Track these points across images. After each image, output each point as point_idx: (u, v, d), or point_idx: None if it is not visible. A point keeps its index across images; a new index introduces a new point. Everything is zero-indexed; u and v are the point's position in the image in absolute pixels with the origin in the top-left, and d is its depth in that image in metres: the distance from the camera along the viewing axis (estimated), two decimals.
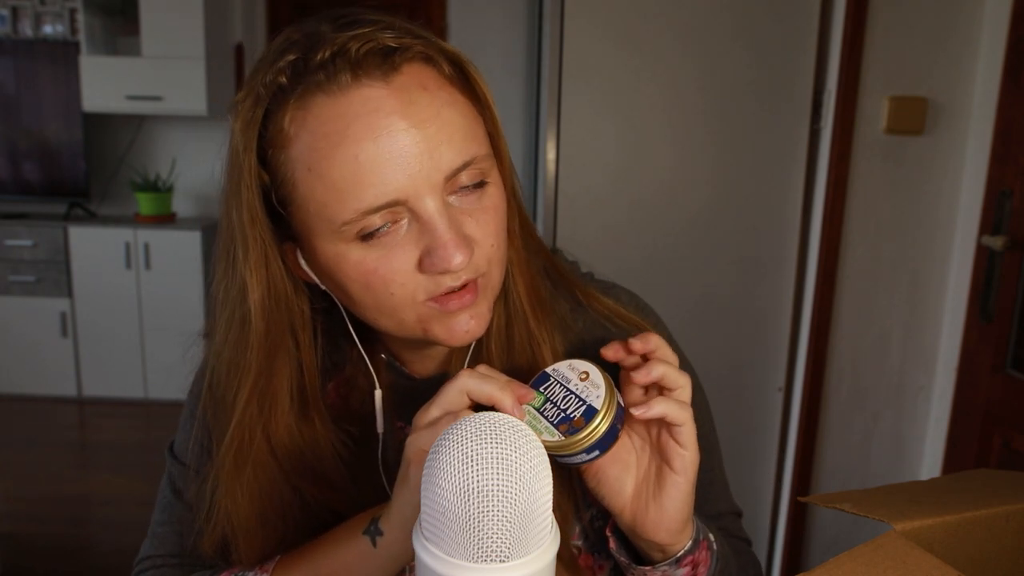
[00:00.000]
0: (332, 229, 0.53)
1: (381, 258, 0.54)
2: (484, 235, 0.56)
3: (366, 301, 0.56)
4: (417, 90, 0.52)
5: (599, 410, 0.51)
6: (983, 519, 0.49)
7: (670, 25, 1.73)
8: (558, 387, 0.53)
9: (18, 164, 3.60)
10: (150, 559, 0.70)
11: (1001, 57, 1.66)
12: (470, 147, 0.54)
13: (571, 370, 0.53)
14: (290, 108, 0.52)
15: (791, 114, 1.78)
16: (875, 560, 0.42)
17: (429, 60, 0.55)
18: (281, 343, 0.59)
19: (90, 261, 3.47)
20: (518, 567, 0.39)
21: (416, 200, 0.52)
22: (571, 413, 0.52)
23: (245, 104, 0.54)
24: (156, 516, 0.71)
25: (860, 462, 1.94)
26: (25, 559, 2.31)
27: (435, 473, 0.39)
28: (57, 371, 3.57)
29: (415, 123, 0.51)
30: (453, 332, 0.56)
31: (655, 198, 1.81)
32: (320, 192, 0.52)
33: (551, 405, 0.53)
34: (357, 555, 0.56)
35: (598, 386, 0.52)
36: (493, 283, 0.59)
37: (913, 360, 1.89)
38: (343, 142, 0.51)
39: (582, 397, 0.52)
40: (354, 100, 0.51)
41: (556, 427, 0.52)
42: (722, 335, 1.88)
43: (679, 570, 0.58)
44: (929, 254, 1.83)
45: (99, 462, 3.06)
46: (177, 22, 3.34)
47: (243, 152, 0.54)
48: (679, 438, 0.54)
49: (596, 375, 0.52)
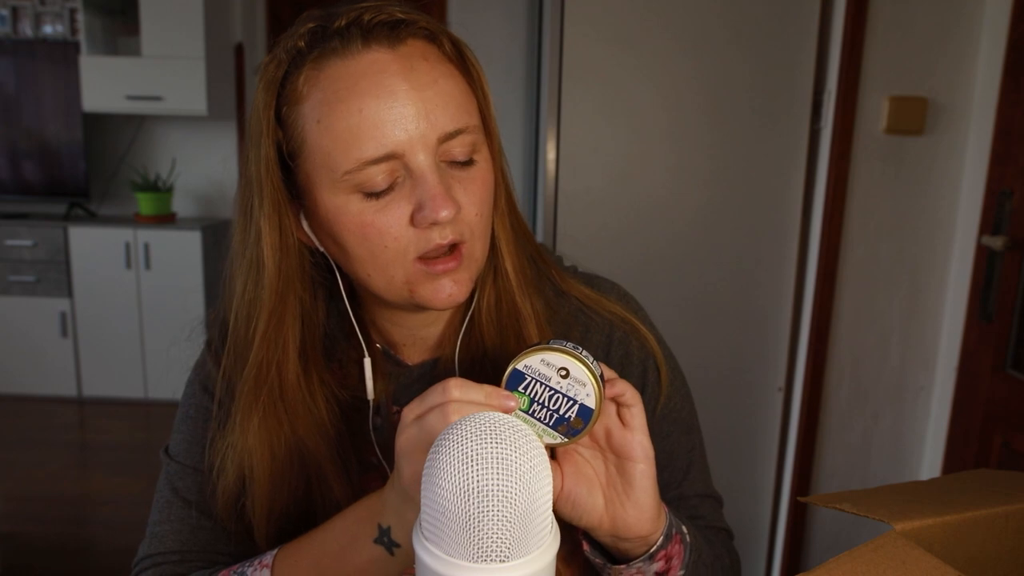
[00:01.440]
0: (334, 179, 0.58)
1: (378, 211, 0.58)
2: (470, 203, 0.60)
3: (361, 254, 0.60)
4: (419, 59, 0.59)
5: (594, 410, 0.51)
6: (983, 519, 0.49)
7: (670, 25, 1.73)
8: (540, 386, 0.52)
9: (18, 164, 3.60)
10: (149, 558, 0.70)
11: (1001, 57, 1.66)
12: (463, 117, 0.60)
13: (547, 366, 0.52)
14: (306, 69, 0.58)
15: (791, 114, 1.78)
16: (875, 560, 0.42)
17: (432, 37, 0.61)
18: (290, 288, 0.64)
19: (90, 261, 3.48)
20: (518, 567, 0.39)
21: (411, 155, 0.57)
22: (565, 414, 0.52)
23: (269, 66, 0.60)
24: (153, 516, 0.72)
25: (860, 462, 1.94)
26: (25, 559, 2.31)
27: (435, 473, 0.39)
28: (57, 371, 3.57)
29: (415, 86, 0.57)
30: (437, 294, 0.61)
31: (655, 198, 1.81)
32: (326, 142, 0.58)
33: (539, 407, 0.52)
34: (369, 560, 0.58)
35: (583, 383, 0.51)
36: (476, 255, 0.63)
37: (913, 360, 1.89)
38: (350, 97, 0.57)
39: (570, 396, 0.52)
40: (363, 62, 0.57)
41: (554, 429, 0.52)
42: (722, 335, 1.88)
43: (653, 564, 0.59)
44: (929, 254, 1.83)
45: (99, 462, 3.06)
46: (177, 22, 3.34)
47: (263, 109, 0.60)
48: (631, 420, 0.55)
49: (578, 371, 0.51)
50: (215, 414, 0.69)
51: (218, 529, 0.70)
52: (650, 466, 0.55)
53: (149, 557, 0.70)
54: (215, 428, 0.68)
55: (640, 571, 0.59)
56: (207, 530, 0.70)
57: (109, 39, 3.57)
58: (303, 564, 0.60)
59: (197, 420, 0.72)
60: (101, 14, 3.49)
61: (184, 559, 0.70)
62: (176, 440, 0.73)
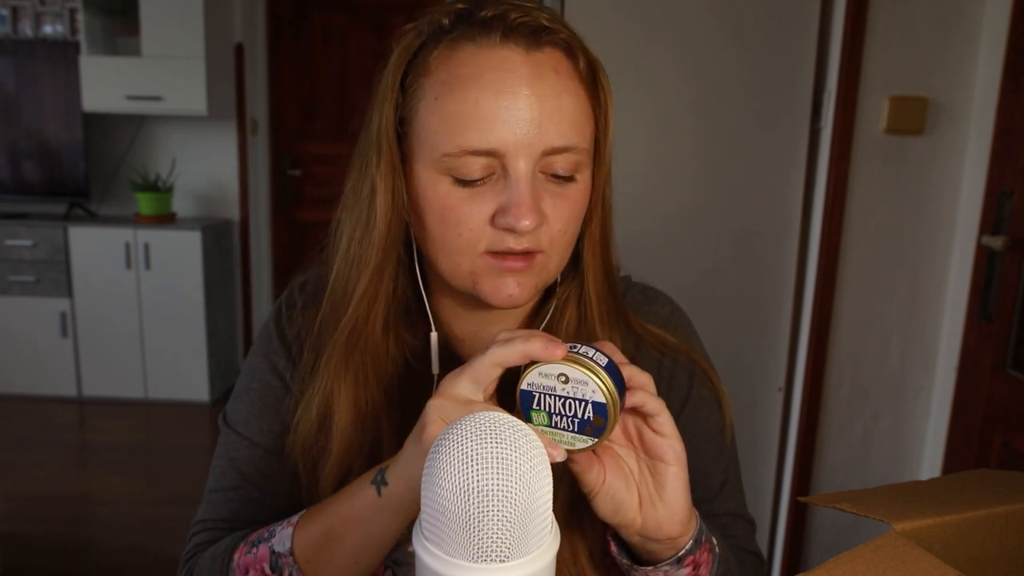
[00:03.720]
0: (434, 157, 0.59)
1: (463, 199, 0.59)
2: (556, 218, 0.61)
3: (435, 234, 0.62)
4: (549, 69, 0.59)
5: (606, 403, 0.51)
6: (983, 519, 0.49)
7: (669, 26, 1.73)
8: (550, 398, 0.53)
9: (18, 164, 3.60)
10: (203, 523, 0.73)
11: (1001, 57, 1.66)
12: (574, 136, 0.60)
13: (546, 377, 0.53)
14: (441, 46, 0.60)
15: (791, 114, 1.78)
16: (875, 560, 0.42)
17: (569, 51, 0.62)
18: (393, 248, 0.65)
19: (90, 261, 3.47)
20: (518, 567, 0.39)
21: (512, 158, 0.58)
22: (584, 416, 0.52)
23: (410, 34, 0.62)
24: (210, 482, 0.74)
25: (860, 462, 1.94)
26: (25, 559, 2.31)
27: (435, 473, 0.39)
28: (57, 371, 3.57)
29: (537, 94, 0.58)
30: (498, 291, 0.62)
31: (654, 198, 1.81)
32: (436, 121, 0.59)
33: (559, 417, 0.53)
34: (364, 504, 0.59)
35: (584, 382, 0.51)
36: (548, 267, 0.63)
37: (913, 360, 1.89)
38: (472, 84, 0.58)
39: (579, 397, 0.52)
40: (495, 56, 0.58)
41: (581, 433, 0.53)
42: (722, 335, 1.87)
43: (681, 570, 0.58)
44: (929, 254, 1.83)
45: (99, 462, 3.06)
46: (177, 22, 3.34)
47: (392, 72, 0.62)
48: (660, 429, 0.55)
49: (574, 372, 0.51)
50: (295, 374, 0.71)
51: (268, 502, 0.72)
52: (682, 469, 0.55)
53: (203, 521, 0.73)
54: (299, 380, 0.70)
55: (667, 574, 0.59)
56: (257, 503, 0.72)
57: (109, 39, 3.57)
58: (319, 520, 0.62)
59: (260, 393, 0.73)
60: (101, 14, 3.49)
61: (233, 528, 0.71)
62: (236, 408, 0.74)
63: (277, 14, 3.99)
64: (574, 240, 0.65)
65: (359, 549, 0.60)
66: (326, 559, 0.61)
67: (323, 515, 0.62)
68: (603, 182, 0.67)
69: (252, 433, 0.73)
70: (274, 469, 0.71)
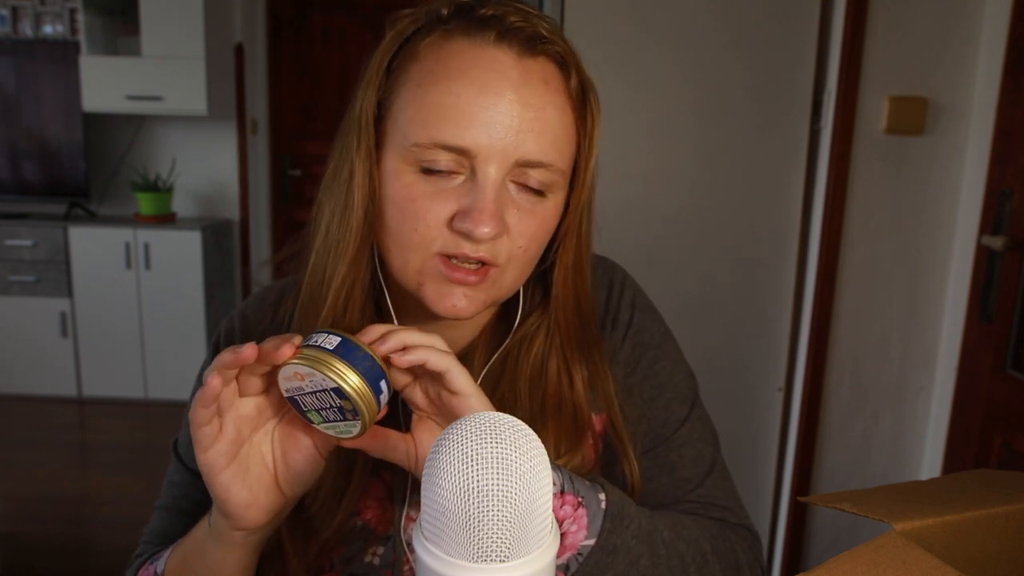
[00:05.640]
0: (404, 146, 0.58)
1: (426, 194, 0.58)
2: (519, 233, 0.59)
3: (391, 225, 0.60)
4: (538, 79, 0.58)
5: (339, 385, 0.50)
6: (983, 519, 0.49)
7: (669, 26, 1.73)
8: (307, 397, 0.52)
9: (18, 164, 3.60)
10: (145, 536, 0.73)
11: (1001, 57, 1.66)
12: (551, 154, 0.58)
13: (288, 380, 0.52)
14: (435, 35, 0.59)
15: (791, 114, 1.78)
16: (875, 560, 0.42)
17: (563, 66, 0.60)
18: (371, 235, 0.63)
19: (90, 261, 3.48)
20: (518, 567, 0.39)
21: (483, 161, 0.56)
22: (338, 404, 0.52)
23: (406, 20, 0.61)
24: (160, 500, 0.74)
25: (860, 462, 1.94)
26: (25, 559, 2.31)
27: (435, 473, 0.39)
28: (57, 371, 3.57)
29: (520, 101, 0.56)
30: (441, 298, 0.59)
31: (654, 198, 1.81)
32: (413, 108, 0.57)
33: (325, 411, 0.53)
34: (200, 534, 0.60)
35: (311, 373, 0.51)
36: (501, 283, 0.61)
37: (913, 360, 1.89)
38: (456, 78, 0.56)
39: (321, 388, 0.51)
40: (486, 55, 0.57)
41: (350, 420, 0.52)
42: (722, 335, 1.88)
43: None
44: (929, 254, 1.83)
45: (99, 462, 3.06)
46: (177, 22, 3.34)
47: (381, 56, 0.60)
48: (452, 386, 0.53)
49: (301, 368, 0.51)
50: None
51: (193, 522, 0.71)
52: None
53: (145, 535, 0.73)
54: None
55: None
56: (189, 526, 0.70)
57: (109, 39, 3.57)
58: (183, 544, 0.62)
59: None
60: (101, 14, 3.49)
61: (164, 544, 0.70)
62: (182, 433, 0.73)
63: (277, 14, 3.99)
64: (534, 261, 0.63)
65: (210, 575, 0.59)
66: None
67: (185, 540, 0.62)
68: (580, 208, 0.64)
69: (189, 459, 0.72)
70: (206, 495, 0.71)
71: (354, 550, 0.66)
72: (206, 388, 0.50)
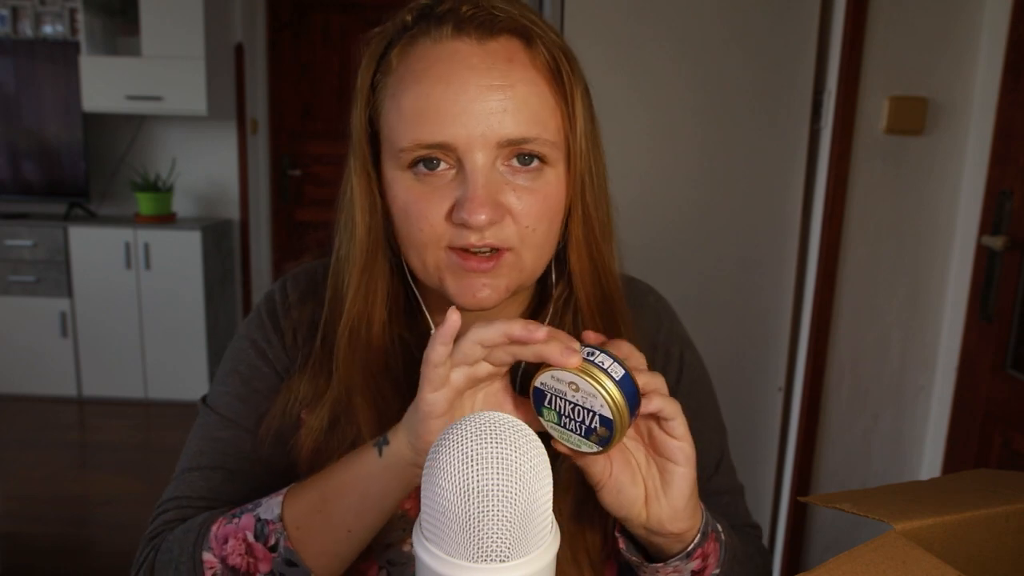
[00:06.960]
0: (393, 153, 0.60)
1: (422, 195, 0.59)
2: (523, 213, 0.59)
3: (402, 230, 0.62)
4: (502, 59, 0.58)
5: (612, 419, 0.51)
6: (983, 519, 0.49)
7: (669, 26, 1.73)
8: (560, 400, 0.53)
9: (18, 164, 3.60)
10: (174, 500, 0.69)
11: (1001, 57, 1.66)
12: (533, 128, 0.58)
13: (558, 382, 0.53)
14: (401, 44, 0.61)
15: (791, 114, 1.78)
16: (875, 560, 0.42)
17: (528, 41, 0.60)
18: (379, 247, 0.65)
19: (90, 261, 3.47)
20: (518, 567, 0.39)
21: (466, 151, 0.57)
22: (590, 424, 0.52)
23: (377, 37, 0.63)
24: (185, 463, 0.71)
25: (860, 462, 1.94)
26: (25, 559, 2.31)
27: (435, 473, 0.39)
28: (57, 371, 3.57)
29: (488, 85, 0.57)
30: (463, 291, 0.60)
31: (654, 198, 1.81)
32: (393, 117, 0.59)
33: (567, 419, 0.53)
34: (364, 465, 0.59)
35: (593, 395, 0.51)
36: (523, 266, 0.61)
37: (913, 360, 1.89)
38: (423, 79, 0.58)
39: (587, 407, 0.52)
40: (446, 49, 0.58)
41: (587, 439, 0.53)
42: (722, 335, 1.88)
43: (690, 563, 0.58)
44: (929, 254, 1.83)
45: (99, 462, 3.06)
46: (177, 22, 3.34)
47: (363, 74, 0.63)
48: (674, 432, 0.54)
49: (585, 384, 0.51)
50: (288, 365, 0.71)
51: (247, 483, 0.70)
52: (691, 470, 0.55)
53: (173, 499, 0.69)
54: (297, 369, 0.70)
55: (677, 569, 0.59)
56: (237, 483, 0.70)
57: (109, 39, 3.56)
58: (315, 485, 0.61)
59: (247, 377, 0.72)
60: (101, 14, 3.49)
61: (210, 507, 0.69)
62: (219, 392, 0.73)
63: (277, 14, 3.99)
64: (551, 237, 0.63)
65: (353, 515, 0.59)
66: (318, 525, 0.59)
67: (320, 480, 0.61)
68: (578, 178, 0.63)
69: (236, 415, 0.71)
70: (256, 453, 0.70)
71: (393, 538, 0.66)
72: (448, 323, 0.52)
